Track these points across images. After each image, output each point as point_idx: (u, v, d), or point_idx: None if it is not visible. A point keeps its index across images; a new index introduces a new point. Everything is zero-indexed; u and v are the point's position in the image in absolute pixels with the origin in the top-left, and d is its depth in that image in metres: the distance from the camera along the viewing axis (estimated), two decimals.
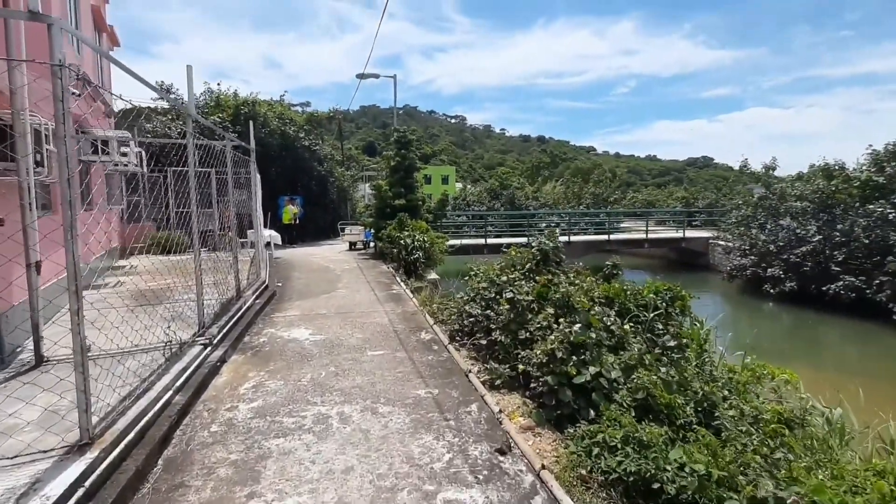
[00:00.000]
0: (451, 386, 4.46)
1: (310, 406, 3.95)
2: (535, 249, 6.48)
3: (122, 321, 4.32)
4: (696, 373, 4.70)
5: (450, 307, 7.10)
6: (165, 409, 3.60)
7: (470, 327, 6.13)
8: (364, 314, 7.15)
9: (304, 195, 19.71)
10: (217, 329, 5.28)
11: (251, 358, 5.16)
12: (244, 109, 16.86)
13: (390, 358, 5.17)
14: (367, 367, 4.89)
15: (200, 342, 4.81)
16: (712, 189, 40.96)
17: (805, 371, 7.70)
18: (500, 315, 5.60)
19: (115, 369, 3.83)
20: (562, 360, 4.46)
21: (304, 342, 5.72)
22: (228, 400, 4.08)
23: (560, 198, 36.12)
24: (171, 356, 4.28)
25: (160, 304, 6.43)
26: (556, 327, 5.16)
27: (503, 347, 5.32)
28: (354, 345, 5.63)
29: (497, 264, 6.96)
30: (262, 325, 6.46)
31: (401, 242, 11.70)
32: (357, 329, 6.32)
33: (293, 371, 4.76)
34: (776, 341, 11.70)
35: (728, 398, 4.59)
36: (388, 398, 4.11)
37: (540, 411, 4.40)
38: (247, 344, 5.63)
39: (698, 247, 21.38)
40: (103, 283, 8.15)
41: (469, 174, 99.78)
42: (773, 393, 5.55)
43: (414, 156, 15.27)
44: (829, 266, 13.29)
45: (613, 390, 4.34)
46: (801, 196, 14.87)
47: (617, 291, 6.56)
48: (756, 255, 15.21)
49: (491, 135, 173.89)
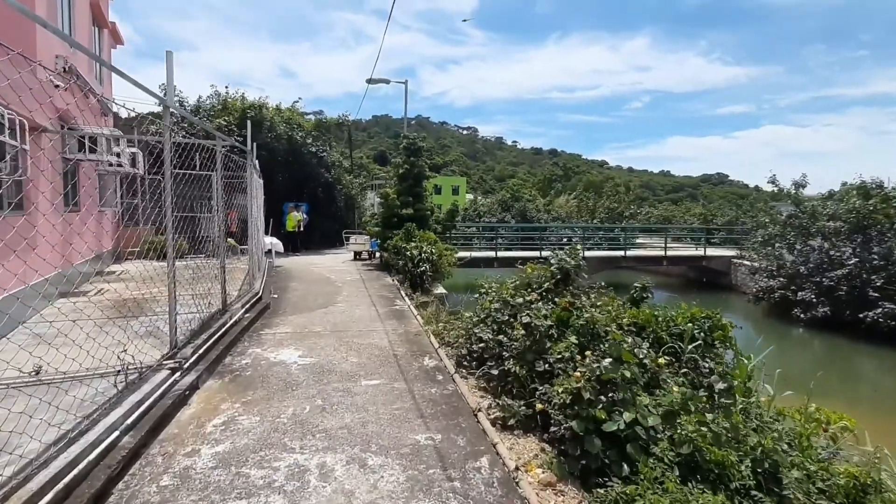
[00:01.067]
0: (457, 429, 3.74)
1: (286, 453, 3.25)
2: (554, 267, 5.76)
3: (88, 337, 3.71)
4: (753, 424, 3.93)
5: (457, 328, 6.40)
6: (106, 456, 2.93)
7: (479, 353, 5.43)
8: (362, 333, 6.47)
9: (309, 202, 19.20)
10: (192, 349, 4.63)
11: (228, 385, 4.49)
12: (251, 113, 16.46)
13: (387, 390, 4.47)
14: (360, 400, 4.19)
15: (168, 366, 4.16)
16: (732, 206, 39.90)
17: (851, 411, 6.82)
18: (514, 341, 4.90)
19: (60, 400, 3.20)
20: (589, 402, 3.74)
21: (292, 366, 5.04)
22: (191, 441, 3.41)
23: (573, 211, 35.36)
24: (127, 385, 3.63)
25: (137, 318, 5.82)
26: (580, 360, 4.46)
27: (518, 380, 4.62)
28: (348, 371, 4.94)
29: (511, 282, 6.26)
30: (248, 344, 5.80)
31: (407, 254, 11.06)
32: (352, 351, 5.63)
33: (273, 403, 4.08)
34: (811, 373, 10.76)
35: (789, 453, 3.81)
36: (381, 445, 3.40)
37: (561, 461, 3.68)
38: (226, 367, 4.97)
39: (720, 266, 20.42)
40: (82, 291, 7.58)
41: (480, 185, 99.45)
42: (831, 442, 4.75)
43: (423, 164, 14.69)
44: (867, 291, 12.35)
45: (651, 441, 3.60)
46: (833, 215, 13.97)
47: (647, 318, 5.81)
48: (785, 277, 14.27)
49: (502, 147, 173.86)
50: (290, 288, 9.92)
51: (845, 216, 13.66)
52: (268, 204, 15.31)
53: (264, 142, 17.03)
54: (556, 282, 5.85)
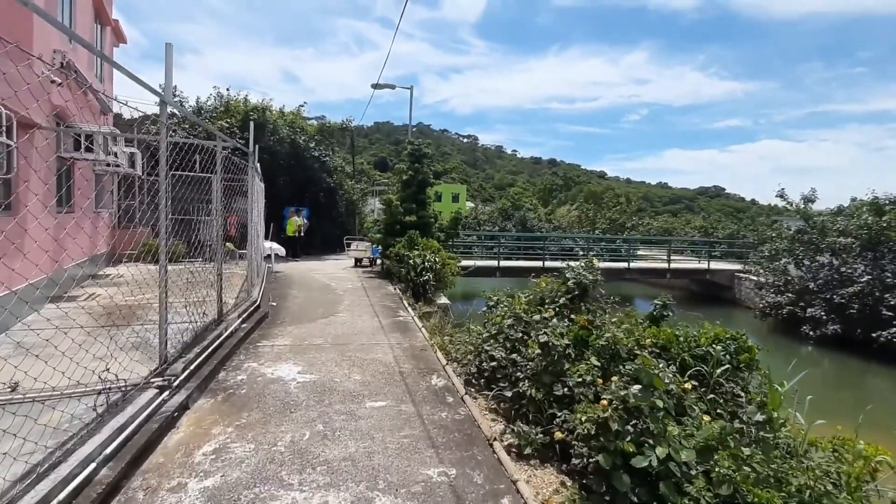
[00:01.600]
0: (473, 463, 3.40)
1: (283, 490, 2.91)
2: (571, 282, 5.44)
3: (75, 348, 3.39)
4: (793, 461, 3.60)
5: (464, 342, 6.07)
6: (80, 494, 2.59)
7: (491, 372, 5.11)
8: (365, 347, 6.13)
9: (311, 207, 18.88)
10: (183, 365, 4.28)
11: (221, 404, 4.14)
12: (254, 116, 16.20)
13: (394, 413, 4.13)
14: (365, 425, 3.84)
15: (156, 384, 3.81)
16: (732, 219, 39.74)
17: (870, 435, 6.47)
18: (528, 361, 4.58)
19: (32, 424, 2.85)
20: (617, 434, 3.42)
21: (291, 384, 4.69)
22: (177, 472, 3.06)
23: (575, 222, 35.16)
24: (108, 408, 3.28)
25: (128, 326, 5.49)
26: (602, 384, 4.14)
27: (533, 403, 4.30)
28: (351, 390, 4.60)
29: (524, 297, 5.94)
30: (244, 358, 5.45)
31: (410, 262, 10.74)
32: (356, 367, 5.29)
33: (270, 427, 3.73)
34: (828, 395, 10.42)
35: (836, 496, 3.48)
36: (390, 482, 3.06)
37: (584, 495, 3.36)
38: (220, 383, 4.62)
39: (723, 280, 20.13)
40: (74, 296, 7.22)
41: (479, 193, 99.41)
42: (869, 477, 4.41)
43: (428, 170, 14.41)
44: (880, 310, 12.04)
45: (686, 478, 3.27)
46: (844, 231, 13.70)
47: (669, 337, 5.49)
48: (793, 293, 13.96)
49: (502, 155, 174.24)
50: (290, 295, 9.57)
51: (856, 232, 13.40)
52: (268, 208, 14.99)
53: (267, 145, 16.74)
54: (571, 297, 5.54)
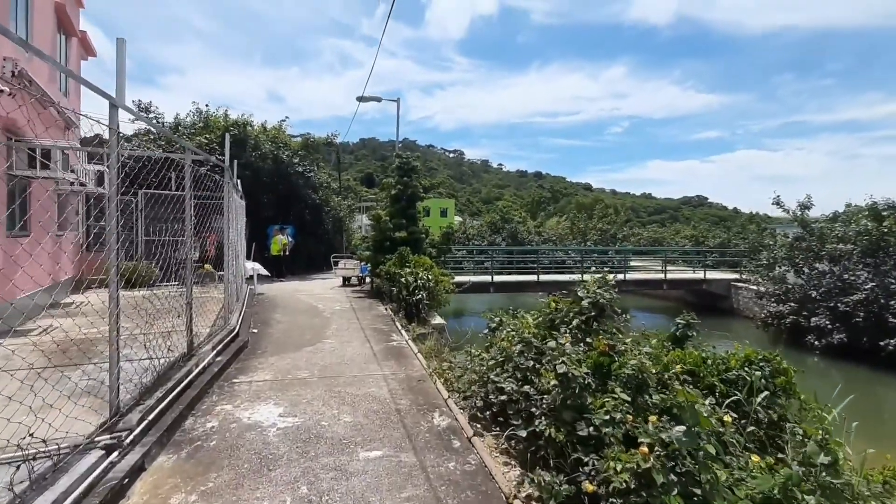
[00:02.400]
0: None
1: None
2: (586, 301, 4.89)
3: (19, 392, 2.73)
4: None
5: (467, 370, 5.46)
6: None
7: (500, 406, 4.50)
8: (356, 380, 5.47)
9: (296, 224, 18.18)
10: (140, 414, 3.59)
11: (185, 463, 3.45)
12: (234, 131, 15.58)
13: (393, 466, 3.48)
14: (359, 485, 3.19)
15: (102, 443, 3.12)
16: (721, 228, 39.95)
17: None
18: (543, 394, 4.00)
19: None
20: (663, 488, 2.84)
21: (270, 431, 4.02)
22: None
23: (565, 234, 34.92)
24: (32, 483, 2.59)
25: (83, 365, 4.76)
26: (631, 420, 3.58)
27: (553, 444, 3.69)
28: (341, 436, 3.94)
29: (532, 319, 5.37)
30: (217, 399, 4.75)
31: (402, 280, 10.13)
32: (346, 406, 4.63)
33: (243, 492, 3.06)
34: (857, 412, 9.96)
35: None
36: None
37: None
38: (186, 433, 3.93)
39: (720, 289, 19.84)
40: (25, 330, 6.42)
41: (467, 207, 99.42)
42: None
43: (417, 184, 13.88)
44: (885, 317, 11.74)
45: None
46: (843, 238, 13.49)
47: (696, 361, 4.97)
48: (796, 302, 13.64)
49: (489, 169, 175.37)
50: (273, 321, 8.86)
51: (856, 238, 13.19)
52: (252, 226, 14.29)
53: (248, 161, 16.10)
54: (586, 319, 4.98)
